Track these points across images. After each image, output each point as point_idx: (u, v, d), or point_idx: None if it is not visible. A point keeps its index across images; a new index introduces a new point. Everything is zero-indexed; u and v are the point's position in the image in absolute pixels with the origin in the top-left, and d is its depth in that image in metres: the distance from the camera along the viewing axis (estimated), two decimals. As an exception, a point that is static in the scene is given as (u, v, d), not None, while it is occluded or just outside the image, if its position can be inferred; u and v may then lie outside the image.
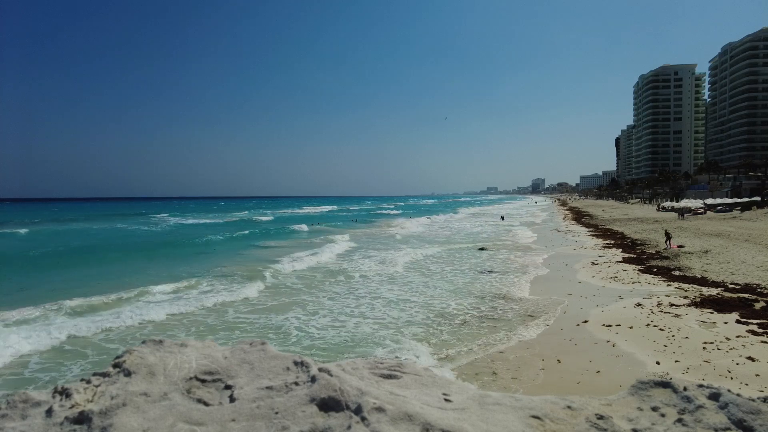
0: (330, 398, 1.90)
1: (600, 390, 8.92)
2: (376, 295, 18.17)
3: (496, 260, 27.18)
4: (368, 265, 25.59)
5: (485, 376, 10.09)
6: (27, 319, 14.44)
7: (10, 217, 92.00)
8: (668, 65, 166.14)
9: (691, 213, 63.67)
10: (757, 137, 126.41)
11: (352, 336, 13.02)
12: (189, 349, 2.30)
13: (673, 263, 23.41)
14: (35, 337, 12.29)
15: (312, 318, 14.89)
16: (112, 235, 50.65)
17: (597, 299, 16.22)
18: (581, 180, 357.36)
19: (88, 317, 14.68)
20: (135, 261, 28.95)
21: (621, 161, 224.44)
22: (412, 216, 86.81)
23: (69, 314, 15.07)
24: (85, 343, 12.44)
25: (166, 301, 16.97)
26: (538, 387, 9.39)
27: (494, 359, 11.09)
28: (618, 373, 9.84)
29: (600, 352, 11.11)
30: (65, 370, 10.72)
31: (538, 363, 10.70)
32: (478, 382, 9.71)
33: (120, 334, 13.35)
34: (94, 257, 31.33)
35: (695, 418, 1.87)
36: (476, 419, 1.86)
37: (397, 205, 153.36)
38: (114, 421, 1.80)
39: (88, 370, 10.28)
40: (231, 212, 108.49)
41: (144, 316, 14.70)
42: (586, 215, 71.44)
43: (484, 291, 18.54)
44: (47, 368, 10.80)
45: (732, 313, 13.48)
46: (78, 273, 24.13)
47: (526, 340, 12.45)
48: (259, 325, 14.28)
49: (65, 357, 11.53)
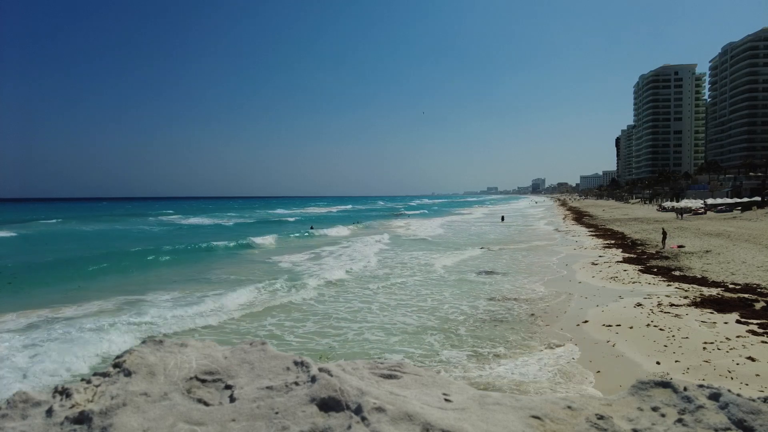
0: (330, 398, 1.90)
1: (600, 390, 8.93)
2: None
3: (500, 261, 27.18)
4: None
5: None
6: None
7: (32, 215, 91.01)
8: (668, 65, 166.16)
9: (691, 213, 63.67)
10: (758, 137, 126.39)
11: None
12: (189, 349, 2.30)
13: (674, 263, 23.41)
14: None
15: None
16: (173, 236, 47.68)
17: (597, 299, 16.22)
18: (581, 180, 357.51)
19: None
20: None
21: (621, 161, 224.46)
22: (428, 216, 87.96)
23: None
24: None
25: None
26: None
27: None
28: (618, 373, 9.85)
29: (600, 352, 11.12)
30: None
31: (538, 363, 10.69)
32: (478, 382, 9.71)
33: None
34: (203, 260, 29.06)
35: (695, 418, 1.87)
36: (476, 419, 1.86)
37: (409, 205, 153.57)
38: (114, 421, 1.80)
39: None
40: (253, 211, 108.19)
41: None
42: (586, 215, 71.45)
43: (483, 291, 18.54)
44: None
45: (732, 313, 13.48)
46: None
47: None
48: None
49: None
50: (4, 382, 9.72)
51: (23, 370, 10.35)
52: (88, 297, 17.52)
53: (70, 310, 15.62)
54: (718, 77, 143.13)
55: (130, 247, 34.22)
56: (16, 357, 11.07)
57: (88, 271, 24.35)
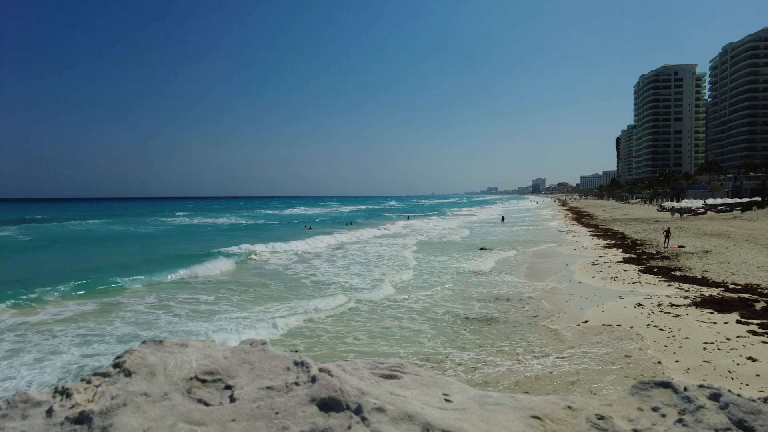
0: (330, 398, 1.90)
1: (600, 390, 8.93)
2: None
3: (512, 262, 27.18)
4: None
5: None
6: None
7: (55, 214, 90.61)
8: (669, 65, 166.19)
9: (691, 213, 63.68)
10: (758, 137, 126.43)
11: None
12: (189, 349, 2.30)
13: (674, 263, 23.40)
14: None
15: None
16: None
17: (597, 299, 16.21)
18: (582, 180, 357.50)
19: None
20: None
21: (621, 161, 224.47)
22: (444, 216, 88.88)
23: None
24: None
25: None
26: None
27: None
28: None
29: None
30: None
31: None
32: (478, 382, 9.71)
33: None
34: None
35: (696, 418, 1.87)
36: (476, 419, 1.86)
37: (422, 205, 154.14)
38: (114, 421, 1.80)
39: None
40: (276, 210, 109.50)
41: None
42: (586, 215, 71.42)
43: (484, 292, 18.54)
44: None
45: (732, 314, 13.47)
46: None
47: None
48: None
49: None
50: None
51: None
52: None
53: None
54: (718, 77, 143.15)
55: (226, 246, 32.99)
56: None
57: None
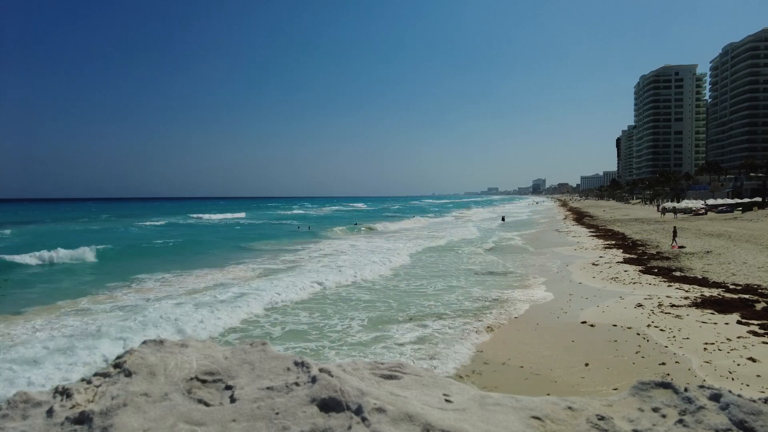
0: (330, 399, 1.90)
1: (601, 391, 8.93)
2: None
3: (508, 261, 27.18)
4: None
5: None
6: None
7: (95, 214, 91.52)
8: (669, 65, 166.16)
9: (691, 213, 63.66)
10: (759, 138, 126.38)
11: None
12: (190, 350, 2.30)
13: (674, 264, 23.39)
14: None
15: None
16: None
17: (597, 300, 16.20)
18: (582, 180, 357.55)
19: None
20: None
21: (622, 162, 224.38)
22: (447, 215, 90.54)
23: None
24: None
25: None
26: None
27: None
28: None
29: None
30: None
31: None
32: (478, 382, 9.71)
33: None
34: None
35: (696, 419, 1.87)
36: (477, 420, 1.85)
37: (434, 204, 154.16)
38: (115, 422, 1.80)
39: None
40: (274, 210, 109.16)
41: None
42: (586, 216, 71.39)
43: (484, 292, 18.54)
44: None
45: (733, 314, 13.46)
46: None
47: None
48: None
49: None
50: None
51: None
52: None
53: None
54: (718, 77, 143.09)
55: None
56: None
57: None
